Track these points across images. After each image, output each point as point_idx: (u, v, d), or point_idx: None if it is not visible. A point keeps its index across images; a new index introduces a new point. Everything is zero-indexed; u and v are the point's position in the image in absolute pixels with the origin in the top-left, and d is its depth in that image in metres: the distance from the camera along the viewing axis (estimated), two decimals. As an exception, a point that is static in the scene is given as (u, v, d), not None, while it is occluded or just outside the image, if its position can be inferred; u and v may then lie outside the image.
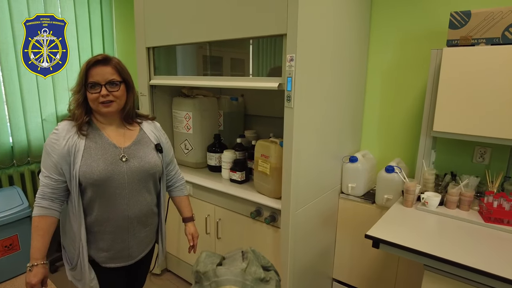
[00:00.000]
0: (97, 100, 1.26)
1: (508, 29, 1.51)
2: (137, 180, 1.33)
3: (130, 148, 1.34)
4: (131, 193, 1.33)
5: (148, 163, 1.36)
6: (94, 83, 1.25)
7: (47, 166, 1.26)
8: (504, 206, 1.52)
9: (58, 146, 1.24)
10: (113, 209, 1.30)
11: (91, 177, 1.24)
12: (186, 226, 1.63)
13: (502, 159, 1.82)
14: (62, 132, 1.26)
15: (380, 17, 2.11)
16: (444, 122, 1.68)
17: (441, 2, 1.89)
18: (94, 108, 1.30)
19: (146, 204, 1.39)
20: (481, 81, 1.55)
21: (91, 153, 1.26)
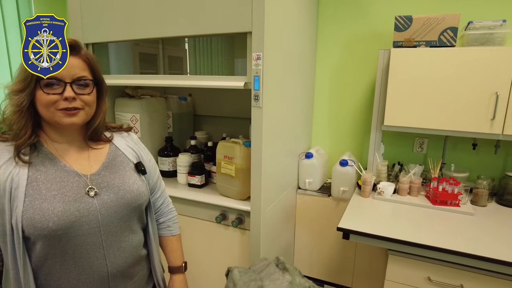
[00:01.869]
0: (54, 105, 0.83)
1: (443, 34, 1.71)
2: (116, 220, 0.93)
3: (99, 174, 0.94)
4: (110, 240, 0.92)
5: (128, 192, 0.95)
6: (55, 79, 0.83)
7: None
8: (447, 190, 1.73)
9: None
10: (84, 269, 0.88)
11: (44, 226, 0.80)
12: (171, 279, 1.17)
13: (438, 148, 2.06)
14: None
15: (326, 19, 2.21)
16: (392, 116, 1.83)
17: (383, 6, 2.05)
18: (46, 117, 0.85)
19: (132, 250, 0.98)
20: (421, 79, 1.73)
21: (39, 188, 0.83)
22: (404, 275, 1.53)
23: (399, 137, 2.14)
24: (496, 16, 1.82)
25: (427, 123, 1.77)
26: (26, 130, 0.84)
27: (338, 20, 2.18)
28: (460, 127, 1.71)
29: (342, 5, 2.15)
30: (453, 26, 1.68)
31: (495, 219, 1.66)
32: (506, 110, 1.61)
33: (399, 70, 1.77)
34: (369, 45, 2.12)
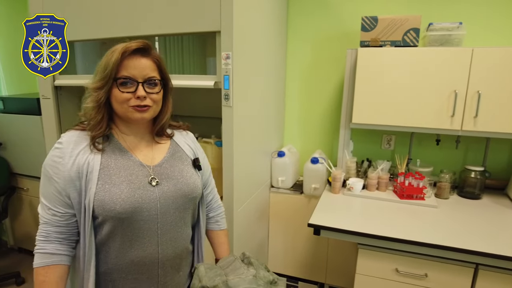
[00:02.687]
0: (128, 102, 0.92)
1: (406, 34, 1.78)
2: (173, 210, 0.99)
3: (161, 166, 1.01)
4: (164, 228, 0.98)
5: (186, 184, 1.02)
6: (129, 78, 0.91)
7: (49, 196, 0.92)
8: (413, 184, 1.80)
9: (63, 166, 0.90)
10: (139, 251, 0.96)
11: (112, 208, 0.90)
12: None
13: (405, 144, 2.15)
14: (67, 146, 0.92)
15: (296, 19, 2.25)
16: (360, 114, 1.89)
17: (351, 7, 2.11)
18: (120, 113, 0.95)
19: (182, 241, 1.04)
20: (387, 77, 1.80)
21: (110, 174, 0.93)
22: (374, 267, 1.58)
23: (368, 134, 2.21)
24: (453, 18, 1.91)
25: (393, 121, 1.84)
26: (102, 124, 0.93)
27: (307, 19, 2.22)
28: (424, 123, 1.79)
29: (311, 5, 2.19)
30: (415, 27, 1.76)
31: (457, 210, 1.75)
32: (464, 107, 1.70)
33: (366, 69, 1.82)
34: (338, 44, 2.17)
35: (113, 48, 0.93)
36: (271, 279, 0.63)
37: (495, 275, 1.42)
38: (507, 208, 1.78)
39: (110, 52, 0.93)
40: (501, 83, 1.64)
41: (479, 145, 2.03)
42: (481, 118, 1.69)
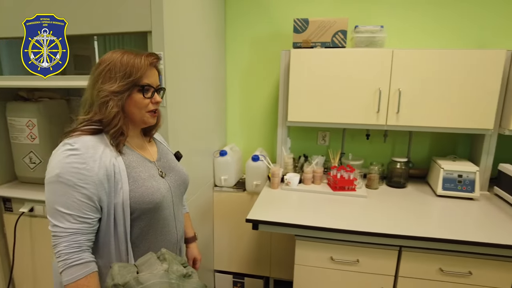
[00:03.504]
0: (147, 107, 1.02)
1: (335, 36, 1.89)
2: (179, 195, 1.17)
3: (160, 161, 1.15)
4: (176, 211, 1.15)
5: (183, 174, 1.20)
6: (149, 86, 1.01)
7: (74, 204, 0.89)
8: (344, 176, 1.92)
9: (90, 171, 0.90)
10: (166, 236, 1.09)
11: (151, 200, 0.99)
12: (188, 248, 1.41)
13: (338, 140, 2.28)
14: (86, 151, 0.92)
15: (233, 20, 2.28)
16: (295, 113, 1.97)
17: (284, 9, 2.19)
18: (137, 117, 1.03)
19: (183, 221, 1.23)
20: (319, 77, 1.90)
21: (137, 171, 1.00)
22: (311, 257, 1.66)
23: (304, 131, 2.31)
24: (377, 21, 2.07)
25: (326, 118, 1.94)
26: (126, 129, 1.00)
27: (244, 21, 2.26)
28: (354, 120, 1.91)
29: (247, 6, 2.24)
30: (343, 29, 1.87)
31: (385, 199, 1.90)
32: (388, 104, 1.85)
33: (299, 69, 1.91)
34: (274, 45, 2.24)
35: (137, 56, 0.99)
36: (184, 273, 0.65)
37: (416, 255, 1.57)
38: (428, 195, 1.97)
39: (131, 59, 0.97)
40: (418, 82, 1.81)
41: (403, 138, 2.21)
42: (402, 113, 1.85)
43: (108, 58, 0.99)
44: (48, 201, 0.91)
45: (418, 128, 1.88)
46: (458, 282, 1.57)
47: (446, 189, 1.89)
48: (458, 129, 1.85)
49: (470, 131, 1.85)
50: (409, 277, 1.60)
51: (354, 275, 1.63)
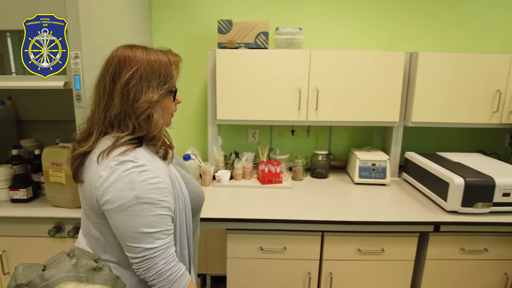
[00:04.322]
0: (172, 110, 1.00)
1: (258, 37, 1.98)
2: None
3: (174, 161, 1.07)
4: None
5: (186, 168, 1.19)
6: (175, 89, 0.97)
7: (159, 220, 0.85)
8: (271, 170, 2.03)
9: (163, 183, 0.87)
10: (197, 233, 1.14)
11: (202, 198, 1.06)
12: None
13: (267, 136, 2.39)
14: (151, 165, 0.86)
15: (159, 19, 2.26)
16: (224, 111, 2.03)
17: (208, 10, 2.23)
18: (166, 121, 0.99)
19: None
20: (245, 76, 1.98)
21: (182, 173, 1.02)
22: (241, 249, 1.73)
23: (236, 129, 2.38)
24: (296, 24, 2.21)
25: (253, 116, 2.03)
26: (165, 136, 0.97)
27: (171, 20, 2.26)
28: (278, 117, 2.03)
29: (173, 6, 2.24)
30: (264, 31, 1.97)
31: (309, 189, 2.05)
32: (307, 102, 1.99)
33: (225, 69, 1.97)
34: (201, 45, 2.27)
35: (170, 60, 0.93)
36: (94, 266, 0.66)
37: (337, 238, 1.72)
38: (347, 183, 2.16)
39: (159, 59, 0.90)
40: (334, 81, 1.98)
41: (324, 133, 2.40)
42: (321, 110, 2.01)
43: (132, 59, 0.87)
44: (129, 227, 0.83)
45: (336, 123, 2.06)
46: (373, 259, 1.75)
47: (362, 177, 2.10)
48: (371, 122, 2.06)
49: (381, 124, 2.08)
50: (332, 260, 1.75)
51: (283, 262, 1.74)
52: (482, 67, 1.99)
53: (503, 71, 1.99)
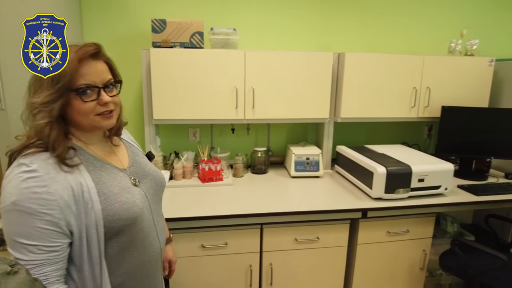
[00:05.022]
0: (93, 111, 0.86)
1: (193, 36, 1.99)
2: (156, 201, 1.06)
3: (133, 166, 1.02)
4: (156, 219, 1.04)
5: (159, 175, 1.08)
6: (89, 86, 0.84)
7: (36, 234, 0.78)
8: (212, 168, 2.05)
9: (53, 194, 0.78)
10: (149, 247, 0.99)
11: (128, 216, 0.89)
12: (165, 250, 1.27)
13: (207, 135, 2.41)
14: (46, 171, 0.79)
15: (91, 18, 2.17)
16: (160, 111, 2.01)
17: (141, 9, 2.19)
18: (85, 124, 0.88)
19: (164, 224, 1.15)
20: (181, 76, 1.98)
21: (107, 186, 0.89)
22: (183, 249, 1.73)
23: (175, 129, 2.37)
24: (231, 24, 2.26)
25: (192, 115, 2.04)
26: (62, 140, 0.83)
27: (103, 18, 2.18)
28: (217, 116, 2.06)
29: (104, 4, 2.16)
30: (199, 31, 1.99)
31: (249, 185, 2.11)
32: (244, 100, 2.05)
33: (160, 68, 1.95)
34: (135, 44, 2.23)
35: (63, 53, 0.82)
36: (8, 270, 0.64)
37: (275, 230, 1.80)
38: (284, 177, 2.26)
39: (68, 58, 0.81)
40: (269, 80, 2.06)
41: (263, 130, 2.48)
42: (258, 108, 2.08)
43: None
44: (6, 232, 0.77)
45: (272, 120, 2.15)
46: (309, 247, 1.86)
47: (298, 171, 2.21)
48: (304, 119, 2.17)
49: (313, 120, 2.21)
50: (272, 251, 1.83)
51: (224, 257, 1.77)
52: (400, 66, 2.20)
53: (417, 70, 2.22)
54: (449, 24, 2.59)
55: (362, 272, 1.97)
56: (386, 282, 2.03)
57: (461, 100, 2.34)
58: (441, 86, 2.29)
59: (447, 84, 2.29)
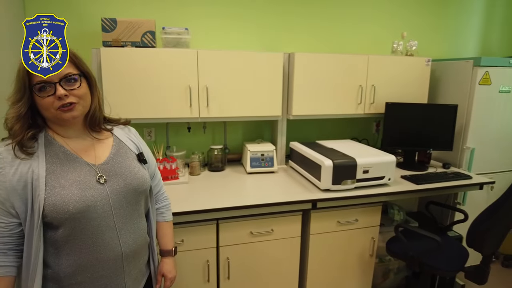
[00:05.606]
0: (52, 105, 0.93)
1: (144, 36, 2.00)
2: (125, 204, 1.04)
3: (107, 164, 1.04)
4: (121, 222, 1.03)
5: (135, 179, 1.07)
6: (44, 82, 0.91)
7: None
8: (167, 167, 2.07)
9: (4, 176, 0.91)
10: (102, 247, 0.99)
11: (65, 210, 0.92)
12: (162, 261, 1.29)
13: (163, 135, 2.41)
14: (6, 156, 0.92)
15: (34, 14, 2.10)
16: (113, 110, 1.97)
17: (90, 8, 2.16)
18: (50, 117, 0.96)
19: (140, 233, 1.11)
20: (134, 75, 1.97)
21: (58, 178, 0.94)
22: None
23: (130, 129, 2.35)
24: (183, 24, 2.29)
25: (144, 113, 2.04)
26: (22, 130, 0.92)
27: (49, 17, 2.12)
28: (171, 114, 2.07)
29: (52, 5, 2.10)
30: (151, 30, 2.00)
31: (206, 182, 2.14)
32: (198, 99, 2.09)
33: (111, 68, 1.93)
34: (86, 43, 2.18)
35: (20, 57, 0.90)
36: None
37: (231, 224, 1.85)
38: (241, 174, 2.32)
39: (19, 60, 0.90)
40: (223, 79, 2.11)
41: (220, 128, 2.53)
42: (212, 106, 2.12)
43: None
44: None
45: (227, 118, 2.20)
46: (264, 240, 1.93)
47: (253, 167, 2.28)
48: (258, 117, 2.24)
49: (266, 118, 2.28)
50: (228, 245, 1.88)
51: (181, 254, 1.80)
52: (347, 65, 2.33)
53: (362, 69, 2.37)
54: (392, 26, 2.78)
55: (316, 261, 2.08)
56: (339, 269, 2.15)
57: (403, 96, 2.52)
58: (385, 84, 2.45)
59: (390, 82, 2.47)
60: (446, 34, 2.98)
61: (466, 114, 2.49)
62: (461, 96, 2.51)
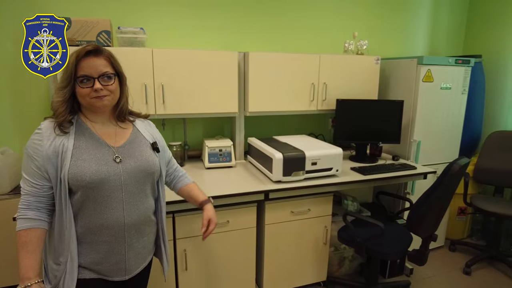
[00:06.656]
0: (89, 95, 1.15)
1: (99, 35, 2.04)
2: (134, 182, 1.23)
3: (124, 147, 1.25)
4: (128, 197, 1.21)
5: (145, 162, 1.26)
6: (86, 76, 1.13)
7: (30, 172, 1.13)
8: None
9: (42, 147, 1.12)
10: (108, 215, 1.18)
11: (83, 179, 1.12)
12: (204, 210, 1.49)
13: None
14: (46, 131, 1.14)
15: (-14, 13, 2.10)
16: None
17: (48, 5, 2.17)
18: (85, 104, 1.18)
19: (144, 210, 1.28)
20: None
21: (81, 153, 1.15)
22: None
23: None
24: (139, 23, 2.34)
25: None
26: (65, 114, 1.15)
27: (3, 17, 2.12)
28: (129, 112, 2.12)
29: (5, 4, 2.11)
30: (106, 30, 2.04)
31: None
32: (154, 96, 2.14)
33: (65, 66, 1.96)
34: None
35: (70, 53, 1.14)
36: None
37: (188, 217, 1.92)
38: (200, 169, 2.40)
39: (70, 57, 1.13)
40: (179, 77, 2.17)
41: (180, 125, 2.59)
42: (169, 103, 2.19)
43: None
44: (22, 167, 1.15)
45: (184, 115, 2.26)
46: (221, 231, 2.02)
47: (212, 162, 2.36)
48: (215, 114, 2.32)
49: (223, 115, 2.37)
50: (184, 238, 1.95)
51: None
52: (299, 64, 2.45)
53: (314, 67, 2.50)
54: (344, 26, 2.94)
55: (272, 251, 2.18)
56: (295, 258, 2.26)
57: (355, 93, 2.67)
58: (336, 82, 2.60)
59: (341, 80, 2.61)
60: (395, 34, 3.17)
61: (412, 109, 2.67)
62: (408, 93, 2.69)
